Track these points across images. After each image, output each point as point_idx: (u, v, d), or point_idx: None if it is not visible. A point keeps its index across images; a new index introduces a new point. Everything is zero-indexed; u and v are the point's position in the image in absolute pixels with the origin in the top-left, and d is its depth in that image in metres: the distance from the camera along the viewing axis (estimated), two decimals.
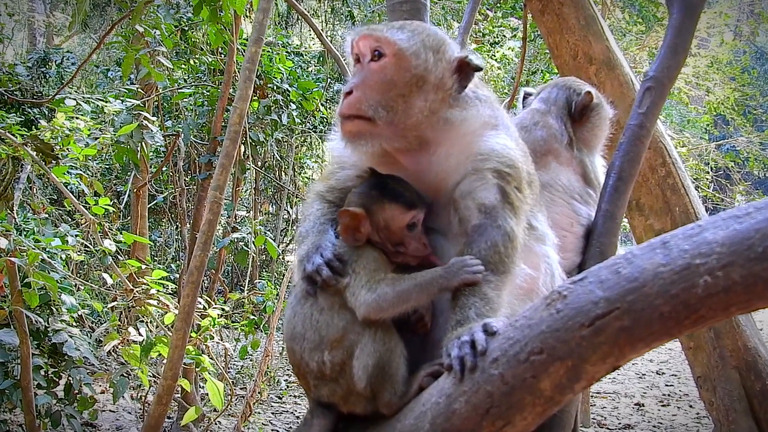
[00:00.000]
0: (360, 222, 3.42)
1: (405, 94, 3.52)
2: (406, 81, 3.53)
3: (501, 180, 3.45)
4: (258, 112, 13.73)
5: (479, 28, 18.11)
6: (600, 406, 16.02)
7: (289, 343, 3.40)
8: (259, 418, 13.03)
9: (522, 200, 3.50)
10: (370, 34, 3.59)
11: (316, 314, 3.28)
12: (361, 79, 3.54)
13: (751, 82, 24.80)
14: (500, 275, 3.31)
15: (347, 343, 3.20)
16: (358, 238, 3.43)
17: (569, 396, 2.64)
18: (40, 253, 7.70)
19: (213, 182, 7.01)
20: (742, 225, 2.33)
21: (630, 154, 3.63)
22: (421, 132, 3.55)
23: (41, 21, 29.82)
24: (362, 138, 3.51)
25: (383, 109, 3.49)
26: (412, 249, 3.45)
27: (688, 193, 7.19)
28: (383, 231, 3.45)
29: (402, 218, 3.44)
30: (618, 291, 2.47)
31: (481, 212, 3.40)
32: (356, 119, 3.50)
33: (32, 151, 8.20)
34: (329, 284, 3.23)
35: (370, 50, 3.57)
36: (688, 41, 3.88)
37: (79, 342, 8.68)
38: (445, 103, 3.57)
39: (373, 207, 3.44)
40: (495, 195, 3.42)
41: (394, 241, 3.45)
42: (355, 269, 3.31)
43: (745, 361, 7.01)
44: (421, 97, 3.53)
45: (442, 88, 3.57)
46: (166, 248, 19.53)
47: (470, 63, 3.61)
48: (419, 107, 3.53)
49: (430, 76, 3.55)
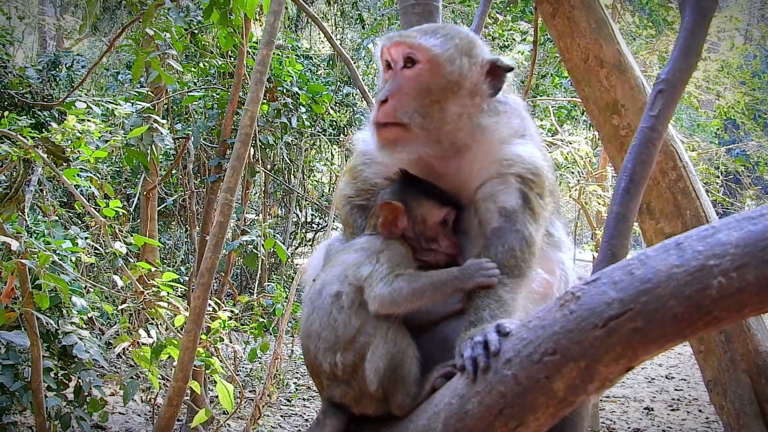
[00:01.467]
0: (399, 215, 3.46)
1: (440, 101, 3.51)
2: (441, 87, 3.52)
3: (524, 185, 3.46)
4: (267, 115, 13.77)
5: (489, 32, 18.10)
6: (609, 411, 16.02)
7: (304, 340, 3.39)
8: (269, 420, 13.06)
9: (543, 207, 3.51)
10: (402, 40, 3.58)
11: (335, 312, 3.27)
12: (396, 86, 3.53)
13: (761, 86, 24.76)
14: (516, 279, 3.32)
15: (359, 344, 3.20)
16: (395, 231, 3.48)
17: (582, 397, 2.64)
18: (51, 255, 7.71)
19: (224, 184, 7.03)
20: (756, 226, 2.33)
21: (642, 157, 3.62)
22: (456, 138, 3.55)
23: (51, 24, 29.91)
24: (399, 145, 3.52)
25: (419, 116, 3.49)
26: (445, 246, 3.49)
27: (699, 197, 7.17)
28: (419, 225, 3.49)
29: (438, 213, 3.49)
30: (631, 292, 2.47)
31: (502, 216, 3.42)
32: (393, 126, 3.50)
33: (43, 154, 8.22)
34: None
35: (402, 57, 3.56)
36: (701, 44, 3.88)
37: (89, 344, 8.71)
38: (479, 108, 3.58)
39: (412, 202, 3.48)
40: (516, 200, 3.43)
41: (428, 237, 3.50)
42: (380, 259, 3.33)
43: (756, 364, 6.98)
44: (456, 102, 3.53)
45: (477, 93, 3.58)
46: (176, 251, 19.57)
47: (502, 65, 3.61)
48: (455, 113, 3.53)
49: (465, 82, 3.55)
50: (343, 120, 20.24)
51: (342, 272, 3.36)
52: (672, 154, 7.08)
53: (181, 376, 7.13)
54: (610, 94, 7.13)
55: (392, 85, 3.54)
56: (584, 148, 17.08)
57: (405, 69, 3.55)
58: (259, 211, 19.85)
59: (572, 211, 28.81)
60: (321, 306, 3.32)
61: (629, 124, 6.97)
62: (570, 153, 17.08)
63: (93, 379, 8.81)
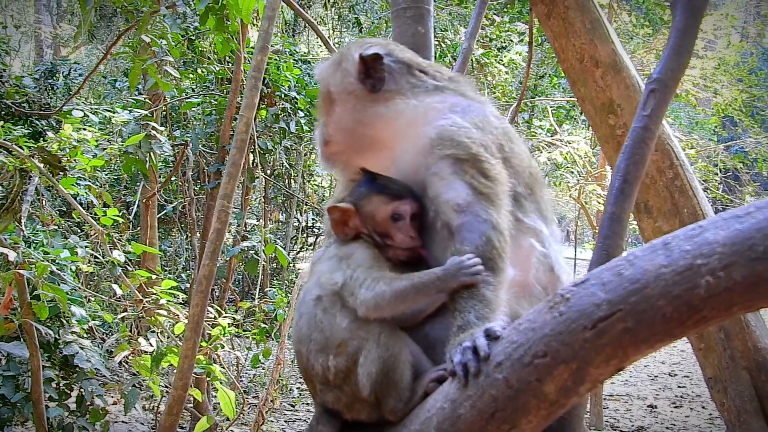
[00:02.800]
0: (348, 216, 3.52)
1: (329, 111, 3.86)
2: (323, 101, 3.91)
3: (459, 173, 3.42)
4: (266, 121, 13.75)
5: (486, 33, 18.11)
6: (613, 409, 16.01)
7: (296, 345, 3.42)
8: (272, 426, 13.05)
9: (493, 186, 3.44)
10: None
11: (320, 314, 3.29)
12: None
13: (758, 83, 24.78)
14: (497, 273, 3.28)
15: (351, 349, 3.20)
16: (348, 232, 3.53)
17: (574, 399, 2.64)
18: (50, 265, 7.71)
19: (221, 191, 7.01)
20: (743, 225, 2.33)
21: (635, 157, 3.63)
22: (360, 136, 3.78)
23: (48, 32, 29.96)
24: (331, 159, 3.90)
25: (331, 130, 3.85)
26: (399, 240, 3.48)
27: (696, 195, 7.18)
28: (370, 223, 3.51)
29: (385, 209, 3.49)
30: (620, 293, 2.47)
31: (459, 212, 3.38)
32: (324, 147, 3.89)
33: (40, 163, 8.22)
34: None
35: None
36: (692, 43, 3.88)
37: (90, 354, 8.69)
38: (360, 102, 3.75)
39: (361, 201, 3.53)
40: (464, 191, 3.40)
41: (380, 233, 3.50)
42: (350, 264, 3.36)
43: (756, 361, 6.99)
44: (337, 108, 3.82)
45: (350, 90, 3.78)
46: (177, 258, 19.57)
47: (364, 56, 3.73)
48: (342, 117, 3.81)
49: (334, 88, 3.86)
50: None
51: (317, 280, 3.41)
52: (668, 152, 7.09)
53: (181, 384, 7.12)
54: (605, 94, 7.15)
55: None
56: (583, 148, 17.13)
57: None
58: (260, 216, 19.86)
59: (572, 211, 28.83)
60: (306, 311, 3.36)
61: (625, 123, 6.98)
62: (569, 153, 17.11)
63: (95, 389, 8.79)
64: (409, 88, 3.72)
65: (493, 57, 17.77)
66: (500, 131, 3.69)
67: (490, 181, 3.44)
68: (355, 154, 3.77)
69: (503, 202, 3.46)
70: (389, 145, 3.66)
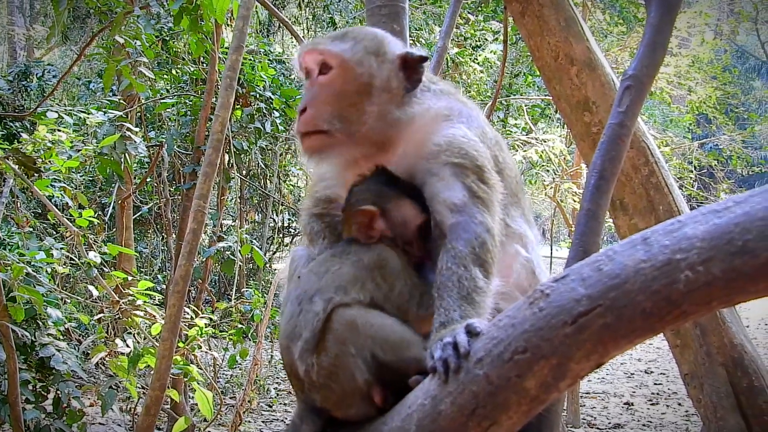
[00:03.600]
0: (374, 220, 3.46)
1: (356, 102, 3.58)
2: (355, 90, 3.60)
3: (459, 174, 3.43)
4: (241, 121, 13.72)
5: (461, 32, 18.14)
6: (590, 407, 16.08)
7: (285, 340, 3.34)
8: (250, 427, 13.04)
9: (489, 192, 3.47)
10: (314, 47, 3.67)
11: (322, 315, 3.23)
12: (312, 95, 3.62)
13: (732, 80, 24.96)
14: (487, 277, 3.29)
15: (340, 349, 3.18)
16: (372, 235, 3.47)
17: (554, 394, 2.63)
18: (25, 267, 7.68)
19: (197, 191, 7.01)
20: (721, 219, 2.33)
21: (611, 153, 3.63)
22: (378, 136, 3.60)
23: (21, 34, 29.77)
24: (324, 151, 3.61)
25: (338, 120, 3.56)
26: (419, 249, 3.49)
27: (672, 192, 7.22)
28: (399, 228, 3.48)
29: (418, 217, 3.48)
30: (600, 288, 2.47)
31: (454, 212, 3.38)
32: (315, 134, 3.58)
33: (14, 165, 8.19)
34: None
35: (316, 64, 3.65)
36: (667, 39, 3.89)
37: (66, 355, 8.65)
38: (394, 102, 3.62)
39: (389, 204, 3.47)
40: (461, 192, 3.40)
41: (406, 240, 3.49)
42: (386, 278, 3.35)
43: (732, 357, 7.03)
44: (371, 102, 3.59)
45: (389, 88, 3.62)
46: (153, 259, 19.51)
47: (413, 56, 3.66)
48: (371, 112, 3.59)
49: (375, 80, 3.61)
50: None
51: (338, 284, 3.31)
52: (644, 149, 7.13)
53: (158, 384, 7.11)
54: (581, 92, 7.17)
55: (309, 94, 3.64)
56: (558, 146, 17.17)
57: (320, 76, 3.64)
58: (236, 216, 19.83)
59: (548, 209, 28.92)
60: (310, 309, 3.27)
61: (600, 121, 7.00)
62: (544, 151, 17.15)
63: (71, 391, 8.75)
64: (420, 91, 3.70)
65: (468, 56, 17.79)
66: (494, 142, 3.73)
67: (488, 187, 3.47)
68: (353, 149, 3.63)
69: (497, 209, 3.48)
70: (394, 145, 3.61)
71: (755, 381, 7.04)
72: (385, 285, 3.32)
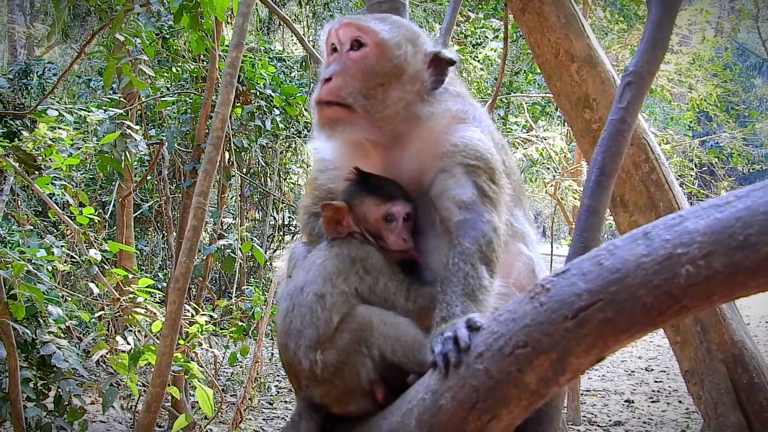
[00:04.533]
0: (342, 215, 3.49)
1: (384, 84, 3.54)
2: (387, 71, 3.54)
3: (472, 174, 3.45)
4: (242, 119, 13.73)
5: (461, 30, 18.15)
6: (590, 404, 16.09)
7: (283, 338, 3.35)
8: (250, 424, 13.04)
9: (498, 193, 3.49)
10: (352, 22, 3.60)
11: (319, 310, 3.26)
12: (341, 67, 3.55)
13: (733, 78, 24.97)
14: (492, 276, 3.30)
15: (343, 342, 3.19)
16: (340, 231, 3.50)
17: (554, 389, 2.63)
18: (26, 265, 7.68)
19: (197, 188, 7.00)
20: (722, 214, 2.33)
21: (612, 149, 3.62)
22: (395, 125, 3.57)
23: (21, 32, 29.75)
24: (340, 125, 3.53)
25: (363, 97, 3.50)
26: (391, 242, 3.49)
27: (672, 189, 7.22)
28: (362, 223, 3.50)
29: (377, 210, 3.48)
30: (601, 282, 2.47)
31: (462, 209, 3.39)
32: (335, 106, 3.51)
33: (15, 163, 8.18)
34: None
35: (350, 39, 3.58)
36: (668, 35, 3.89)
37: (67, 353, 8.66)
38: (419, 96, 3.60)
39: (354, 200, 3.50)
40: (471, 190, 3.42)
41: (373, 234, 3.50)
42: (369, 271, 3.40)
43: (732, 354, 7.03)
44: (398, 88, 3.55)
45: (418, 80, 3.59)
46: (153, 257, 19.49)
47: (444, 57, 3.64)
48: (396, 98, 3.55)
49: (408, 68, 3.57)
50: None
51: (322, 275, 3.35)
52: (644, 146, 7.12)
53: (159, 381, 7.10)
54: (581, 89, 7.17)
55: (337, 66, 3.56)
56: (559, 144, 17.18)
57: (351, 51, 3.57)
58: (236, 214, 19.82)
59: (549, 207, 28.90)
60: (303, 303, 3.29)
61: (601, 117, 6.99)
62: (545, 149, 17.15)
63: (72, 388, 8.76)
64: (439, 92, 3.68)
65: (468, 53, 17.80)
66: (500, 146, 3.76)
67: (498, 188, 3.50)
68: (368, 131, 3.58)
69: (504, 210, 3.51)
70: (408, 140, 3.60)
71: (755, 377, 7.04)
72: (368, 278, 3.36)
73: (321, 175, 3.88)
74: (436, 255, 3.45)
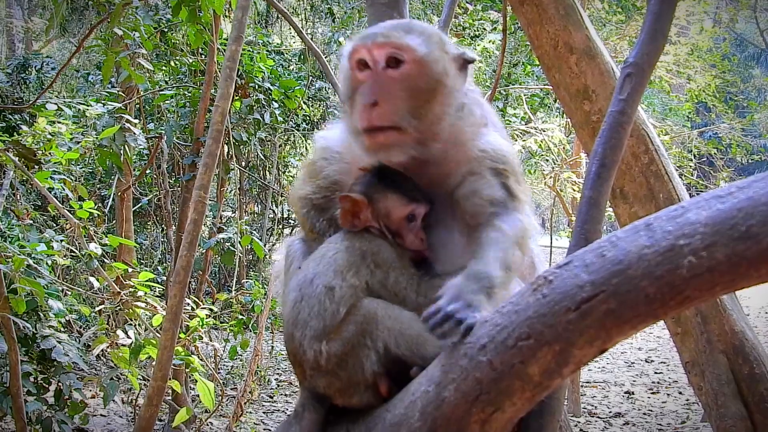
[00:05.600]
0: (361, 209, 3.45)
1: (429, 100, 3.44)
2: (430, 87, 3.44)
3: (500, 177, 3.48)
4: (240, 112, 13.73)
5: (459, 22, 18.13)
6: (590, 396, 16.11)
7: (290, 327, 3.34)
8: (251, 417, 13.05)
9: (523, 193, 3.55)
10: (387, 41, 3.44)
11: (327, 302, 3.24)
12: (382, 88, 3.41)
13: (731, 68, 24.95)
14: (522, 258, 3.35)
15: (348, 334, 3.20)
16: (357, 224, 3.47)
17: (557, 381, 2.64)
18: (26, 259, 7.68)
19: (197, 181, 7.01)
20: (725, 204, 2.33)
21: (612, 141, 3.62)
22: (438, 138, 3.51)
23: (19, 27, 29.70)
24: (394, 149, 3.43)
25: (413, 118, 3.40)
26: (409, 241, 3.48)
27: (672, 180, 7.20)
28: (383, 219, 3.48)
29: (402, 209, 3.46)
30: (603, 274, 2.47)
31: (495, 205, 3.41)
32: (389, 130, 3.40)
33: (14, 157, 8.18)
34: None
35: (385, 57, 3.43)
36: (667, 26, 3.89)
37: (67, 347, 8.67)
38: (457, 104, 3.54)
39: (376, 195, 3.47)
40: (501, 191, 3.45)
41: (392, 231, 3.48)
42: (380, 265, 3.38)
43: (733, 344, 7.02)
44: (439, 101, 3.47)
45: (455, 89, 3.53)
46: (153, 251, 19.51)
47: (468, 58, 3.59)
48: (440, 112, 3.47)
49: (447, 80, 3.48)
50: (316, 115, 20.24)
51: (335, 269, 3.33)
52: (643, 137, 7.11)
53: (160, 375, 7.12)
54: (580, 80, 7.14)
55: (377, 87, 3.42)
56: (558, 136, 17.15)
57: (389, 69, 3.44)
58: (236, 208, 19.83)
59: (548, 199, 28.89)
60: (312, 294, 3.28)
61: (600, 109, 6.97)
62: (544, 141, 17.14)
63: (73, 382, 8.76)
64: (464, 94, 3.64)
65: (467, 45, 17.77)
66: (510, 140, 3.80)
67: (522, 189, 3.56)
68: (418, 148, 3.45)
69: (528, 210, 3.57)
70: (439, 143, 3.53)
71: (756, 368, 7.04)
72: (379, 272, 3.35)
73: (326, 164, 3.76)
74: (446, 249, 3.47)
